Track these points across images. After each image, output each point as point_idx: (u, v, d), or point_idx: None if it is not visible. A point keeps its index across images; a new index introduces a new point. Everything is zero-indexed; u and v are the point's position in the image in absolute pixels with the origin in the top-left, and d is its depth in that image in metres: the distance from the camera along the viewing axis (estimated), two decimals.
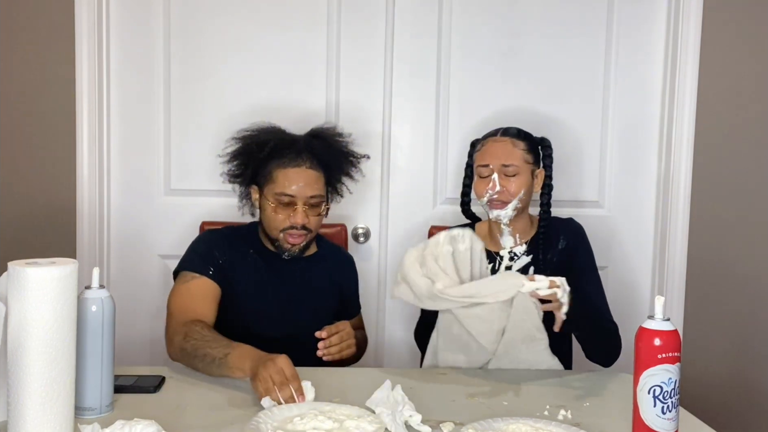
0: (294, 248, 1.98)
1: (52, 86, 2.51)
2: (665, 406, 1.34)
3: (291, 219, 1.94)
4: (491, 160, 1.99)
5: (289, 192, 1.93)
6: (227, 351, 1.65)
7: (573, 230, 2.07)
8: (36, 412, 1.30)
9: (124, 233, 2.60)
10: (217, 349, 1.67)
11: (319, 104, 2.58)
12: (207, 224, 2.35)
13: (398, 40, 2.60)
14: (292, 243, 1.96)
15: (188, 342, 1.73)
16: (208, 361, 1.67)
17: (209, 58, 2.57)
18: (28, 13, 2.48)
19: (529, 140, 2.04)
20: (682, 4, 2.56)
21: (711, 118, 2.59)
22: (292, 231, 1.95)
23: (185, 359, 1.75)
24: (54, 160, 2.52)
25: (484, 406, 1.59)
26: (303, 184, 1.93)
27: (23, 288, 1.29)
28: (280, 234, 1.96)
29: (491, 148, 2.01)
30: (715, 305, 2.64)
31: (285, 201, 1.93)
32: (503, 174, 1.98)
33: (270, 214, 1.96)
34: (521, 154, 2.00)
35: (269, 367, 1.54)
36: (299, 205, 1.93)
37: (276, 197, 1.94)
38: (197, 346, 1.71)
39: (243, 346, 1.66)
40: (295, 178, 1.93)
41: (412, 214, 2.62)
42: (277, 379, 1.53)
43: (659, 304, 1.36)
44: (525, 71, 2.62)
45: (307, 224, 1.95)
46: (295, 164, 1.95)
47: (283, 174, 1.94)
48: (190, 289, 1.92)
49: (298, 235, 1.95)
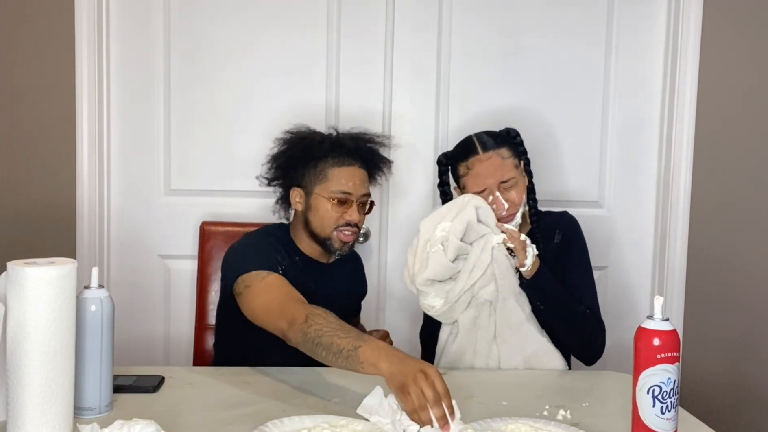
0: (345, 247, 1.99)
1: (52, 86, 2.51)
2: (664, 406, 1.34)
3: (346, 216, 1.95)
4: (489, 181, 1.94)
5: (347, 189, 1.95)
6: (358, 343, 1.52)
7: (568, 224, 2.07)
8: (35, 412, 1.30)
9: (124, 233, 2.60)
10: (345, 339, 1.54)
11: (319, 104, 2.58)
12: (207, 224, 2.35)
13: (398, 40, 2.59)
14: (345, 241, 1.97)
15: (311, 327, 1.60)
16: (334, 351, 1.54)
17: (209, 58, 2.57)
18: (28, 13, 2.48)
19: (507, 142, 1.99)
20: (682, 4, 2.56)
21: (711, 118, 2.59)
22: (345, 229, 1.96)
23: (307, 345, 1.61)
24: (54, 160, 2.52)
25: (483, 406, 1.59)
26: (358, 182, 1.97)
27: (22, 288, 1.29)
28: (333, 232, 1.96)
29: (481, 169, 1.95)
30: (715, 305, 2.64)
31: (341, 198, 1.95)
32: (503, 188, 1.95)
33: (324, 212, 1.96)
34: (511, 162, 1.96)
35: (421, 381, 1.41)
36: (354, 203, 1.96)
37: (332, 195, 1.95)
38: (322, 332, 1.58)
39: (374, 339, 1.55)
40: (350, 176, 1.97)
41: (412, 214, 2.62)
42: (430, 396, 1.40)
43: (658, 304, 1.36)
44: (525, 71, 2.62)
45: (359, 222, 1.99)
46: (349, 163, 1.98)
47: (339, 172, 1.96)
48: (270, 282, 1.82)
49: (351, 233, 1.97)
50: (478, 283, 1.88)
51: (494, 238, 1.88)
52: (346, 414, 1.48)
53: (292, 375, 1.74)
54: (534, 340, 1.91)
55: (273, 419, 1.44)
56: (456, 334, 1.94)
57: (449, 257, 1.87)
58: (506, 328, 1.91)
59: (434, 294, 1.90)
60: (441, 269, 1.87)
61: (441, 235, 1.89)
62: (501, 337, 1.91)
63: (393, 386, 1.45)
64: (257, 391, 1.65)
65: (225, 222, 2.39)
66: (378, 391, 1.47)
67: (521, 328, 1.91)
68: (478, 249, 1.88)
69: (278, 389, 1.66)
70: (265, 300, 1.78)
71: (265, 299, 1.78)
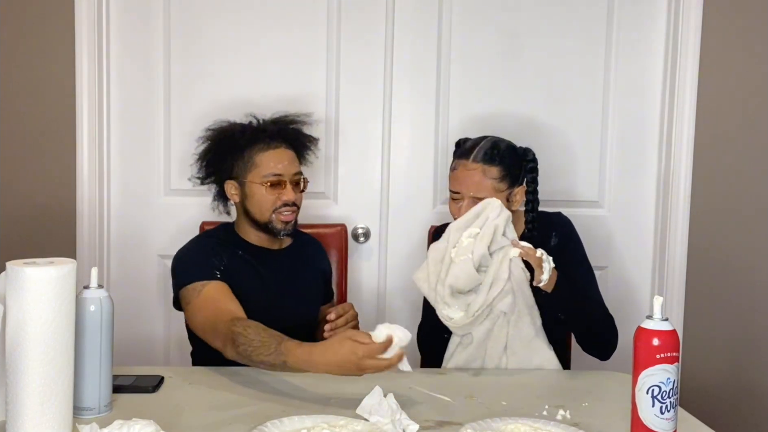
0: (288, 226, 2.01)
1: (52, 86, 2.51)
2: (664, 406, 1.34)
3: (283, 197, 1.98)
4: (461, 188, 1.94)
5: (277, 171, 1.98)
6: (282, 358, 1.60)
7: (562, 224, 2.07)
8: (34, 412, 1.30)
9: (124, 233, 2.60)
10: (270, 356, 1.62)
11: (319, 104, 2.58)
12: (207, 224, 2.34)
13: (398, 40, 2.59)
14: (285, 221, 2.00)
15: (239, 347, 1.67)
16: (269, 367, 1.64)
17: (209, 57, 2.57)
18: (28, 13, 2.48)
19: (506, 162, 1.94)
20: (682, 4, 2.56)
21: (711, 118, 2.59)
22: (283, 209, 1.99)
23: (245, 362, 1.69)
24: (54, 160, 2.52)
25: (482, 406, 1.59)
26: (287, 163, 2.00)
27: (21, 288, 1.29)
28: (272, 215, 1.99)
29: (462, 175, 1.94)
30: (715, 305, 2.63)
31: (274, 181, 1.98)
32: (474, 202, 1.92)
33: (260, 198, 1.99)
34: (491, 183, 1.92)
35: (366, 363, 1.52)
36: (288, 183, 1.99)
37: (264, 179, 1.98)
38: (250, 354, 1.65)
39: (290, 347, 1.60)
40: (278, 157, 2.00)
41: (412, 214, 2.62)
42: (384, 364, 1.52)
43: (657, 304, 1.36)
44: (525, 71, 2.62)
45: (297, 200, 2.01)
46: (275, 146, 2.01)
47: (267, 156, 1.99)
48: (206, 297, 1.86)
49: (290, 212, 2.00)
50: (498, 297, 1.86)
51: (512, 251, 1.84)
52: (346, 414, 1.48)
53: (291, 375, 1.74)
54: (542, 353, 1.91)
55: (273, 419, 1.44)
56: (467, 345, 1.92)
57: (474, 266, 1.84)
58: (517, 341, 1.90)
59: (457, 306, 1.88)
60: (465, 278, 1.85)
61: (468, 242, 1.86)
62: (511, 349, 1.90)
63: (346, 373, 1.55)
64: (257, 391, 1.65)
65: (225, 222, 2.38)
66: (377, 390, 1.47)
67: (532, 342, 1.91)
68: (497, 262, 1.85)
69: (278, 389, 1.66)
70: (200, 320, 1.84)
71: (200, 319, 1.84)
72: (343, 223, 2.46)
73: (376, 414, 1.45)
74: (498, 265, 1.85)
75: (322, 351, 1.57)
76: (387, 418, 1.43)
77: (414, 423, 1.42)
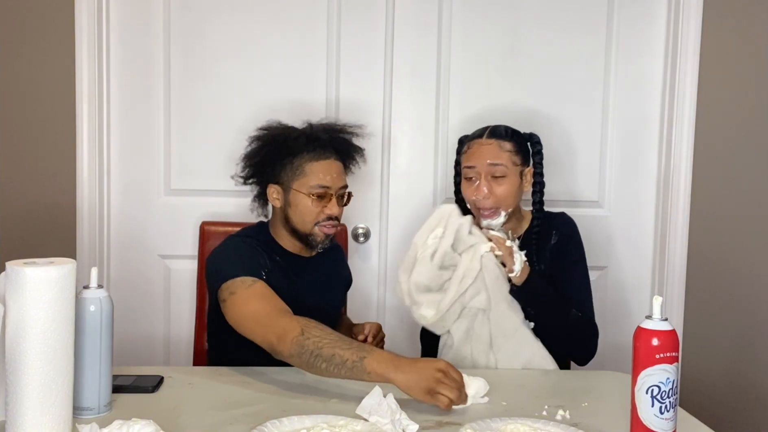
0: (327, 240, 1.98)
1: (52, 86, 2.51)
2: (663, 406, 1.34)
3: (327, 211, 1.94)
4: (477, 161, 1.98)
5: (325, 183, 1.94)
6: (362, 354, 1.57)
7: (565, 224, 2.08)
8: (34, 412, 1.30)
9: (124, 233, 2.60)
10: (348, 350, 1.58)
11: (319, 104, 2.58)
12: (207, 224, 2.35)
13: (398, 39, 2.60)
14: (327, 234, 1.97)
15: (308, 339, 1.62)
16: (337, 363, 1.58)
17: (209, 57, 2.58)
18: (28, 13, 2.48)
19: (516, 140, 2.02)
20: (682, 4, 2.56)
21: (711, 118, 2.59)
22: (327, 222, 1.95)
23: (303, 357, 1.62)
24: (54, 160, 2.53)
25: (482, 406, 1.59)
26: (335, 176, 1.96)
27: (21, 288, 1.29)
28: (315, 228, 1.95)
29: (477, 150, 2.00)
30: (715, 305, 2.64)
31: (321, 193, 1.93)
32: (490, 175, 1.97)
33: (304, 208, 1.94)
34: (508, 156, 1.99)
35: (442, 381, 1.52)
36: (334, 197, 1.95)
37: (311, 190, 1.93)
38: (321, 344, 1.60)
39: (376, 349, 1.60)
40: (328, 169, 1.95)
41: (412, 214, 2.62)
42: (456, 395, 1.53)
43: (657, 304, 1.36)
44: (525, 71, 2.62)
45: (339, 215, 1.99)
46: (326, 157, 1.96)
47: (317, 166, 1.94)
48: (257, 290, 1.79)
49: (332, 226, 1.97)
50: (469, 293, 1.88)
51: (482, 246, 1.90)
52: (346, 414, 1.48)
53: (291, 375, 1.74)
54: (529, 345, 1.92)
55: (272, 419, 1.44)
56: (451, 346, 1.95)
57: (435, 262, 1.89)
58: (500, 335, 1.91)
59: (426, 305, 1.91)
60: (427, 273, 1.89)
61: (432, 242, 1.92)
62: (497, 345, 1.91)
63: (417, 393, 1.53)
64: (257, 391, 1.65)
65: (225, 222, 2.38)
66: (377, 391, 1.47)
67: (516, 334, 1.91)
68: (467, 259, 1.89)
69: (278, 389, 1.66)
70: (252, 309, 1.75)
71: (253, 309, 1.75)
72: (343, 224, 2.46)
73: (376, 414, 1.44)
74: (468, 262, 1.89)
75: (412, 359, 1.57)
76: (387, 418, 1.43)
77: (414, 423, 1.42)
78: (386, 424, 1.42)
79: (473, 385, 1.60)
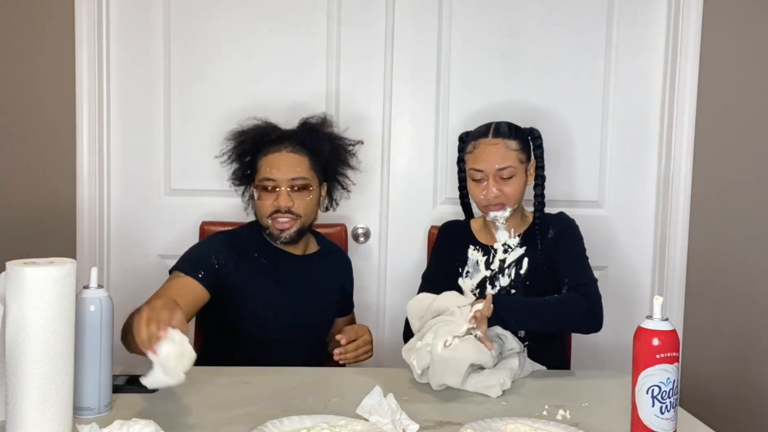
0: (284, 234, 1.96)
1: (52, 86, 2.51)
2: (663, 406, 1.34)
3: (275, 203, 1.94)
4: (485, 165, 1.97)
5: (270, 176, 1.94)
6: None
7: (562, 221, 2.08)
8: (34, 412, 1.30)
9: (124, 233, 2.60)
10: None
11: (319, 103, 2.58)
12: (207, 224, 2.35)
13: (398, 39, 2.60)
14: (281, 228, 1.96)
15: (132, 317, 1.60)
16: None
17: (209, 57, 2.58)
18: (28, 13, 2.48)
19: (520, 137, 2.02)
20: (682, 4, 2.56)
21: (711, 118, 2.59)
22: (277, 215, 1.95)
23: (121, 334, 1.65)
24: (54, 160, 2.52)
25: (482, 406, 1.59)
26: (283, 167, 1.95)
27: (21, 288, 1.29)
28: (269, 221, 1.96)
29: (484, 152, 1.98)
30: (715, 305, 2.63)
31: (268, 186, 1.95)
32: (499, 177, 1.96)
33: (257, 203, 1.98)
34: (515, 155, 1.98)
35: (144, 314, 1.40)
36: (282, 189, 1.94)
37: (259, 183, 1.96)
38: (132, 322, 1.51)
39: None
40: (274, 162, 1.96)
41: (412, 214, 2.62)
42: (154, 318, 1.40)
43: (657, 304, 1.36)
44: (525, 70, 2.62)
45: (293, 207, 1.95)
46: (275, 150, 1.97)
47: (264, 161, 1.97)
48: (170, 284, 1.86)
49: (286, 220, 1.95)
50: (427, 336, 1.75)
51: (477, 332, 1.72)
52: (346, 414, 1.48)
53: (291, 375, 1.74)
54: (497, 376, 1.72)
55: (272, 419, 1.44)
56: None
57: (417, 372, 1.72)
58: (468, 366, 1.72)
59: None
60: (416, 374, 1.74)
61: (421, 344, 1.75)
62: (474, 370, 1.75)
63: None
64: (257, 391, 1.65)
65: (225, 222, 2.38)
66: (377, 390, 1.47)
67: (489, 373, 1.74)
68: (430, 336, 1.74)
69: (278, 389, 1.66)
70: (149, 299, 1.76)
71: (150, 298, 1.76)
72: (343, 224, 2.46)
73: (376, 414, 1.44)
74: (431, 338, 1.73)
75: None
76: (387, 418, 1.43)
77: (414, 423, 1.42)
78: (386, 424, 1.42)
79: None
